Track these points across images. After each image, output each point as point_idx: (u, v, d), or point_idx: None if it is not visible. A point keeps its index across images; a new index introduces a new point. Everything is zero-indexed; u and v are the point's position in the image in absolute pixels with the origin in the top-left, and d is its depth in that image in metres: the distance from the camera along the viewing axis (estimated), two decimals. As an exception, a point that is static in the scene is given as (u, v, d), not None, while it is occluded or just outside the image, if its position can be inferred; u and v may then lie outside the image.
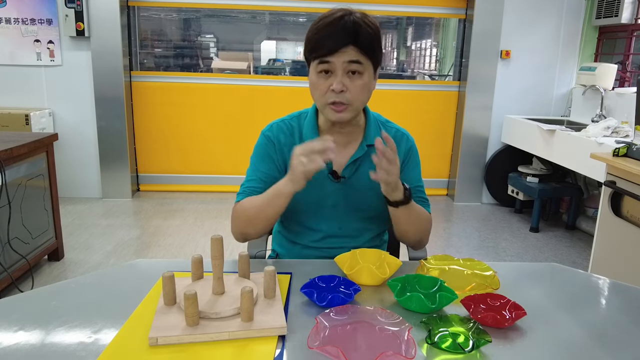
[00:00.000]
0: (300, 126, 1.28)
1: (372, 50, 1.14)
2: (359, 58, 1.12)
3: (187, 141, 4.40)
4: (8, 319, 0.91)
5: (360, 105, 1.19)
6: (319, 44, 1.13)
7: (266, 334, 0.86)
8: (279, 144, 1.27)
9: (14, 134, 2.81)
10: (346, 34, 1.10)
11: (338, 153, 1.24)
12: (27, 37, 3.89)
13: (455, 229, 3.87)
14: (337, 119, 1.18)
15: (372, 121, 1.29)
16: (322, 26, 1.13)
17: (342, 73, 1.13)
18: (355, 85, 1.14)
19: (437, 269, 1.10)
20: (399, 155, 1.24)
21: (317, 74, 1.16)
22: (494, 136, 4.35)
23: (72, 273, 2.84)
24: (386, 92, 4.36)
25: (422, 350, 0.84)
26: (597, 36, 4.17)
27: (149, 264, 1.23)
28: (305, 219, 1.30)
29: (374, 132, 1.26)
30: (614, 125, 3.17)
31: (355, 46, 1.11)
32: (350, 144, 1.27)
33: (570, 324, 0.96)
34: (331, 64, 1.13)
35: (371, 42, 1.13)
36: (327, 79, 1.15)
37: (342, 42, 1.11)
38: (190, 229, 3.60)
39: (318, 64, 1.14)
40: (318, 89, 1.16)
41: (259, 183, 1.25)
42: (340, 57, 1.11)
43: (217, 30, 4.81)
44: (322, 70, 1.14)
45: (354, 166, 1.25)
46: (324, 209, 1.27)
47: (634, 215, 2.36)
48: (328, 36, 1.11)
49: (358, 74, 1.14)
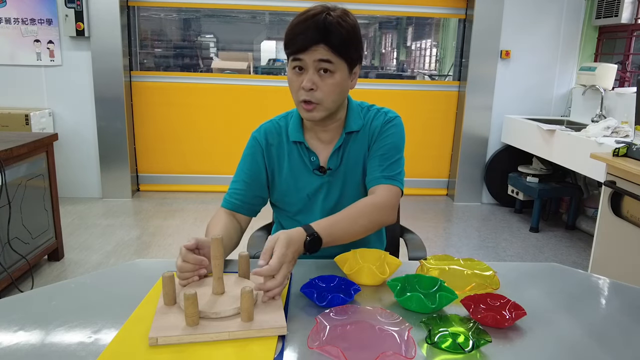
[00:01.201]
0: (287, 125, 1.30)
1: (345, 50, 1.13)
2: (329, 57, 1.12)
3: (187, 141, 4.40)
4: (8, 319, 0.91)
5: (332, 104, 1.18)
6: (292, 40, 1.13)
7: (266, 334, 0.86)
8: (267, 145, 1.29)
9: (14, 134, 2.81)
10: (317, 32, 1.10)
11: (323, 150, 1.27)
12: (27, 37, 3.89)
13: (455, 229, 3.87)
14: (307, 117, 1.19)
15: (354, 109, 1.28)
16: (296, 23, 1.13)
17: (313, 71, 1.13)
18: (326, 84, 1.14)
19: (437, 269, 1.10)
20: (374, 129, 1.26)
21: (292, 70, 1.16)
22: (493, 136, 4.35)
23: (72, 273, 2.84)
24: (386, 92, 4.36)
25: (422, 350, 0.84)
26: (597, 36, 4.17)
27: (149, 264, 1.23)
28: (299, 216, 1.31)
29: (355, 119, 1.27)
30: (614, 125, 3.17)
31: (326, 45, 1.11)
32: (334, 139, 1.28)
33: (570, 324, 0.96)
34: (303, 62, 1.13)
35: (343, 41, 1.12)
36: (299, 75, 1.15)
37: (312, 40, 1.10)
38: (190, 229, 3.60)
39: (292, 61, 1.15)
40: (292, 85, 1.18)
41: (241, 185, 1.27)
42: (311, 55, 1.12)
43: (217, 30, 4.81)
44: (295, 66, 1.15)
45: (337, 155, 1.27)
46: (316, 204, 1.28)
47: (634, 215, 2.36)
48: (300, 33, 1.12)
49: (330, 73, 1.13)
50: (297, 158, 1.27)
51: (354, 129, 1.26)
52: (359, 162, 1.28)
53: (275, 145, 1.29)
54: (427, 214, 4.12)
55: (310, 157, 1.27)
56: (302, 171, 1.28)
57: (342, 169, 1.27)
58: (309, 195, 1.28)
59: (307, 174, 1.27)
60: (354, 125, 1.26)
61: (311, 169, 1.27)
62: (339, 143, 1.26)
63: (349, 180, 1.28)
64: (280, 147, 1.29)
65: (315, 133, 1.28)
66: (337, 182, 1.27)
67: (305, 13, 1.13)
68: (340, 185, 1.28)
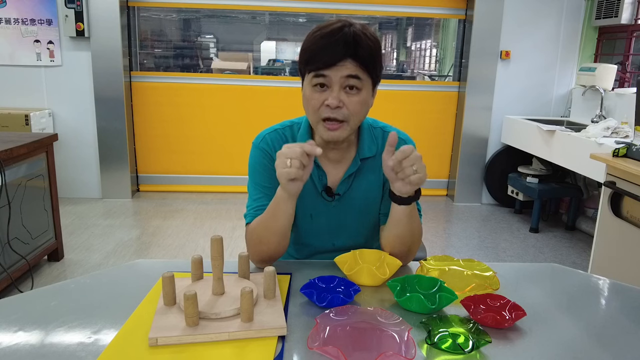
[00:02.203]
0: (293, 138, 1.22)
1: (373, 65, 1.07)
2: (358, 73, 1.05)
3: (187, 141, 4.40)
4: (8, 319, 0.91)
5: (357, 123, 1.12)
6: (315, 56, 1.05)
7: (266, 335, 0.86)
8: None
9: (13, 134, 2.81)
10: (346, 45, 1.03)
11: (332, 169, 1.21)
12: (27, 38, 3.89)
13: (455, 230, 3.87)
14: (330, 137, 1.11)
15: (365, 132, 1.22)
16: (320, 36, 1.05)
17: (339, 88, 1.06)
18: (353, 102, 1.07)
19: (437, 269, 1.10)
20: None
21: (312, 88, 1.08)
22: (493, 136, 4.35)
23: (72, 273, 2.84)
24: (386, 93, 4.36)
25: (422, 351, 0.84)
26: (596, 36, 4.18)
27: (149, 264, 1.23)
28: (298, 235, 1.27)
29: (368, 143, 1.21)
30: (614, 125, 3.17)
31: (354, 60, 1.04)
32: (344, 158, 1.21)
33: (570, 324, 0.96)
34: (327, 78, 1.05)
35: (371, 55, 1.06)
36: (322, 92, 1.07)
37: (340, 55, 1.04)
38: (190, 230, 3.60)
39: (313, 77, 1.07)
40: (311, 103, 1.09)
41: (267, 200, 1.14)
42: (338, 71, 1.04)
43: (217, 30, 4.81)
44: (317, 83, 1.07)
45: (348, 182, 1.21)
46: (318, 226, 1.24)
47: (634, 215, 2.36)
48: (326, 47, 1.04)
49: (356, 90, 1.07)
50: None
51: (368, 155, 1.20)
52: (371, 189, 1.22)
53: None
54: (427, 214, 4.12)
55: (319, 175, 1.20)
56: (309, 190, 1.20)
57: (350, 195, 1.21)
58: (312, 215, 1.23)
59: (314, 194, 1.21)
60: (368, 152, 1.20)
61: (319, 189, 1.20)
62: (352, 169, 1.19)
63: (355, 206, 1.22)
64: None
65: (324, 152, 1.18)
66: (343, 208, 1.22)
67: (327, 27, 1.06)
68: (346, 211, 1.23)
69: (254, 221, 1.16)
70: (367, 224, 1.26)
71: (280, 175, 1.00)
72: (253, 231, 1.14)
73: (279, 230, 1.11)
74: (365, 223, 1.26)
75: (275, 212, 1.09)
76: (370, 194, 1.23)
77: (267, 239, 1.12)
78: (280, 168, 1.00)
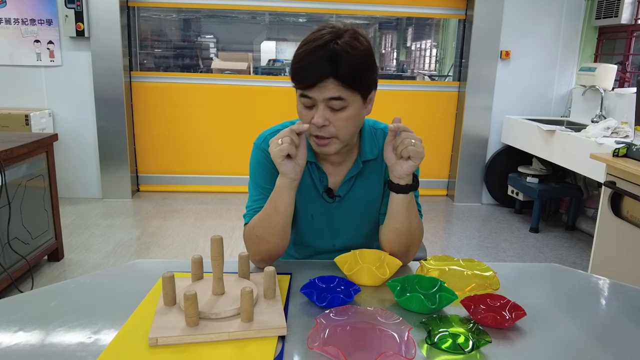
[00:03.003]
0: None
1: (357, 81, 1.04)
2: (340, 93, 1.03)
3: (187, 141, 4.40)
4: (8, 319, 0.91)
5: (348, 137, 1.10)
6: (298, 75, 1.05)
7: (266, 335, 0.86)
8: None
9: (14, 134, 2.81)
10: (325, 65, 1.00)
11: (333, 171, 1.21)
12: (27, 38, 3.89)
13: (455, 230, 3.87)
14: (321, 152, 1.12)
15: (367, 134, 1.21)
16: (304, 53, 1.04)
17: (324, 106, 1.04)
18: (339, 119, 1.06)
19: (437, 269, 1.10)
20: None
21: (301, 104, 1.09)
22: (493, 136, 4.35)
23: (72, 273, 2.84)
24: (386, 93, 4.36)
25: (422, 351, 0.84)
26: (596, 36, 4.18)
27: (149, 264, 1.23)
28: (298, 235, 1.27)
29: (369, 146, 1.21)
30: (614, 125, 3.17)
31: (335, 79, 1.01)
32: (345, 161, 1.21)
33: (570, 324, 0.96)
34: (312, 99, 1.05)
35: (354, 71, 1.03)
36: (309, 110, 1.07)
37: (321, 75, 1.01)
38: (190, 230, 3.60)
39: (300, 96, 1.07)
40: (301, 117, 1.10)
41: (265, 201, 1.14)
42: (320, 92, 1.03)
43: (217, 30, 4.81)
44: (303, 102, 1.07)
45: (349, 184, 1.21)
46: (318, 227, 1.24)
47: (634, 215, 2.36)
48: (306, 67, 1.03)
49: (342, 107, 1.05)
50: (307, 176, 1.19)
51: (369, 158, 1.20)
52: (372, 191, 1.22)
53: None
54: (427, 214, 4.12)
55: (320, 177, 1.20)
56: (310, 191, 1.21)
57: (351, 197, 1.22)
58: (313, 216, 1.23)
59: (315, 195, 1.21)
60: (370, 154, 1.20)
61: (320, 190, 1.21)
62: (354, 172, 1.20)
63: (356, 208, 1.22)
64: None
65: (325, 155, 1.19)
66: (344, 209, 1.23)
67: (312, 42, 1.03)
68: (346, 212, 1.23)
69: (253, 219, 1.15)
70: (368, 225, 1.26)
71: (275, 155, 1.04)
72: (252, 229, 1.14)
73: (279, 224, 1.10)
74: (366, 224, 1.26)
75: (276, 204, 1.09)
76: (371, 196, 1.23)
77: (267, 234, 1.11)
78: (273, 149, 1.04)
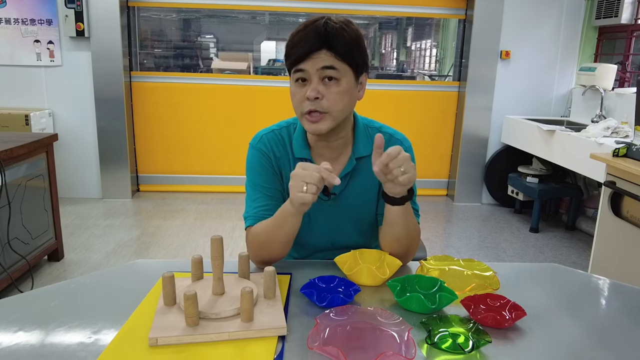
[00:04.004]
0: (289, 138, 1.22)
1: (350, 55, 1.08)
2: (333, 63, 1.07)
3: (187, 141, 4.40)
4: (8, 319, 0.91)
5: (340, 114, 1.11)
6: (291, 50, 1.09)
7: (266, 335, 0.86)
8: (275, 157, 1.20)
9: (14, 134, 2.81)
10: (318, 37, 1.06)
11: None
12: (27, 38, 3.89)
13: (455, 230, 3.87)
14: (313, 130, 1.12)
15: (361, 131, 1.22)
16: (296, 32, 1.09)
17: (317, 80, 1.08)
18: (332, 92, 1.08)
19: (437, 269, 1.10)
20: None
21: (295, 83, 1.11)
22: (493, 136, 4.35)
23: (72, 273, 2.84)
24: (386, 93, 4.36)
25: (422, 351, 0.84)
26: (596, 36, 4.18)
27: (149, 264, 1.23)
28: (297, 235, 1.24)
29: (363, 142, 1.21)
30: (614, 125, 3.17)
31: (329, 50, 1.06)
32: (339, 157, 1.21)
33: (570, 324, 0.96)
34: (305, 72, 1.08)
35: (347, 45, 1.07)
36: (303, 87, 1.09)
37: (313, 47, 1.06)
38: (190, 230, 3.60)
39: (294, 73, 1.10)
40: (295, 98, 1.12)
41: (267, 200, 1.17)
42: (314, 63, 1.06)
43: (217, 30, 4.81)
44: (298, 78, 1.10)
45: (344, 181, 1.21)
46: (315, 226, 1.23)
47: (634, 215, 2.36)
48: (300, 41, 1.07)
49: (335, 80, 1.08)
50: None
51: (363, 155, 1.20)
52: (367, 188, 1.22)
53: (283, 157, 1.21)
54: (427, 214, 4.12)
55: None
56: None
57: (346, 194, 1.21)
58: (309, 216, 1.19)
59: None
60: (363, 151, 1.20)
61: None
62: (349, 169, 1.20)
63: (351, 205, 1.22)
64: (284, 161, 1.21)
65: (318, 150, 1.21)
66: (339, 207, 1.22)
67: (306, 25, 1.09)
68: (342, 210, 1.23)
69: (258, 226, 1.15)
70: (365, 223, 1.26)
71: (295, 199, 0.99)
72: (256, 236, 1.14)
73: (283, 240, 1.11)
74: (363, 222, 1.26)
75: (282, 224, 1.09)
76: (367, 193, 1.23)
77: (271, 246, 1.12)
78: (295, 191, 0.99)
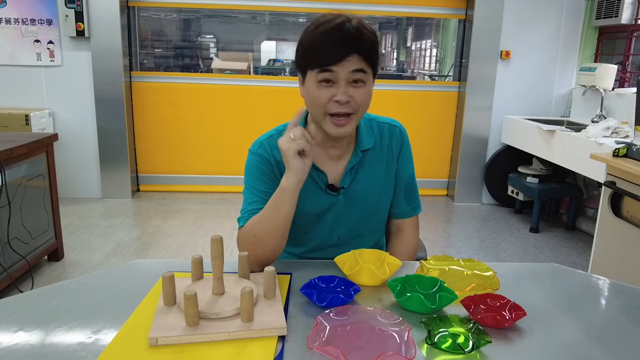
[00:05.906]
0: None
1: (375, 58, 1.10)
2: (363, 67, 1.07)
3: (186, 141, 4.40)
4: (8, 319, 0.91)
5: (362, 115, 1.15)
6: (321, 53, 1.06)
7: (266, 335, 0.86)
8: (275, 161, 1.19)
9: (14, 134, 2.81)
10: (350, 41, 1.05)
11: (331, 167, 1.22)
12: (27, 38, 3.89)
13: (455, 230, 3.86)
14: (338, 133, 1.12)
15: (362, 124, 1.24)
16: (322, 32, 1.06)
17: (346, 83, 1.07)
18: (360, 94, 1.09)
19: (437, 269, 1.10)
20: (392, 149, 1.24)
21: (317, 84, 1.09)
22: (493, 136, 4.35)
23: (72, 273, 2.84)
24: (386, 93, 4.36)
25: (422, 351, 0.84)
26: (597, 36, 4.18)
27: (149, 264, 1.23)
28: (303, 231, 1.26)
29: (366, 135, 1.23)
30: (614, 125, 3.17)
31: (359, 54, 1.06)
32: (344, 154, 1.23)
33: (570, 324, 0.96)
34: (334, 74, 1.07)
35: (373, 48, 1.09)
36: (328, 88, 1.08)
37: (347, 51, 1.05)
38: (190, 230, 3.60)
39: (319, 73, 1.07)
40: (318, 100, 1.09)
41: (263, 204, 1.13)
42: (345, 67, 1.06)
43: (217, 30, 4.81)
44: (323, 79, 1.08)
45: (351, 174, 1.22)
46: (324, 222, 1.24)
47: (634, 215, 2.36)
48: (331, 44, 1.05)
49: (362, 82, 1.09)
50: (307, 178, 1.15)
51: (367, 147, 1.22)
52: (377, 180, 1.24)
53: (281, 161, 1.17)
54: (427, 214, 4.12)
55: (319, 175, 1.21)
56: (312, 190, 1.20)
57: (354, 188, 1.22)
58: (318, 213, 1.22)
59: (318, 193, 1.21)
60: (367, 143, 1.22)
61: (322, 187, 1.21)
62: (354, 162, 1.21)
63: (361, 199, 1.23)
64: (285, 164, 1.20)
65: (324, 149, 1.21)
66: (349, 201, 1.23)
67: (327, 22, 1.07)
68: (352, 205, 1.23)
69: (250, 220, 1.13)
70: (373, 215, 1.27)
71: (287, 149, 1.03)
72: (250, 230, 1.12)
73: (280, 227, 1.09)
74: (371, 214, 1.27)
75: (278, 206, 1.08)
76: (377, 186, 1.25)
77: (266, 237, 1.10)
78: (284, 143, 1.03)
